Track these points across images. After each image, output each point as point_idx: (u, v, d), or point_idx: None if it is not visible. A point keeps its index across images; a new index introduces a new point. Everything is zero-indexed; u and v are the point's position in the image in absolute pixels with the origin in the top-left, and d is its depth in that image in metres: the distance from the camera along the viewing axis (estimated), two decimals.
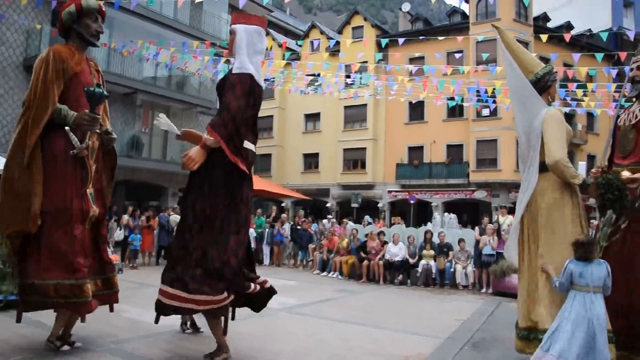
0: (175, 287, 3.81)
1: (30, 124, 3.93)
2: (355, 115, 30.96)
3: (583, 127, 29.15)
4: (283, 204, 29.11)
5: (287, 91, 20.44)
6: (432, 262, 11.41)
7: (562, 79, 17.62)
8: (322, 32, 31.74)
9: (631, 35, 12.97)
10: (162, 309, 3.90)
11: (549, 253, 4.07)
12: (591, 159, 29.36)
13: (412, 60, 23.25)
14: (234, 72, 4.09)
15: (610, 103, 14.04)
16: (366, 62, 19.25)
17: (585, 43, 26.99)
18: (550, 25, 29.63)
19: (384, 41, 17.91)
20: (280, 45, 22.62)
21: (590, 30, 29.13)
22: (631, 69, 4.48)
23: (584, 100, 13.44)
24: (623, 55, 11.25)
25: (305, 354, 4.31)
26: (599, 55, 12.04)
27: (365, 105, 29.78)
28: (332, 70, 15.06)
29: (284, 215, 15.36)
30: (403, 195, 29.02)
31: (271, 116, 33.23)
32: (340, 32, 32.23)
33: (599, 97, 13.88)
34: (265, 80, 18.14)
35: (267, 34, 31.82)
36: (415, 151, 29.62)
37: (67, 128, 4.00)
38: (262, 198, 23.40)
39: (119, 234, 12.47)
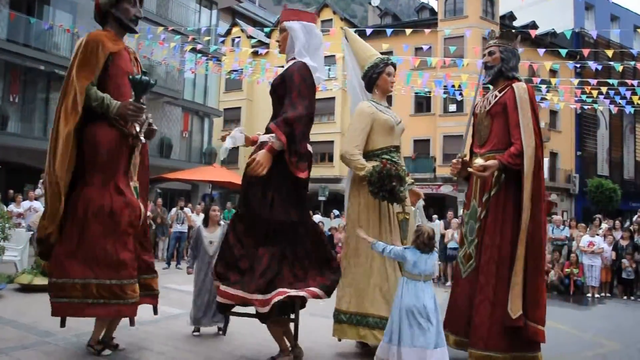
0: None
1: (63, 112, 3.71)
2: (323, 108, 30.85)
3: (546, 124, 29.84)
4: None
5: (255, 82, 20.26)
6: None
7: (528, 76, 17.99)
8: None
9: (594, 34, 13.34)
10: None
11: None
12: (554, 156, 30.14)
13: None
14: (297, 71, 3.82)
15: (572, 98, 14.44)
16: (334, 55, 19.22)
17: (549, 43, 27.62)
18: (516, 24, 30.18)
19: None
20: (248, 37, 22.53)
21: (554, 30, 29.85)
22: (484, 55, 4.52)
23: (546, 98, 13.78)
24: (586, 51, 11.61)
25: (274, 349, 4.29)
26: (563, 51, 12.36)
27: (333, 98, 29.77)
28: None
29: None
30: None
31: (239, 108, 32.92)
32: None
33: (562, 93, 14.23)
34: (234, 71, 18.01)
35: (236, 24, 31.52)
36: None
37: (144, 116, 3.84)
38: (230, 190, 23.18)
39: None
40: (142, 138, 3.89)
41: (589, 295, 10.09)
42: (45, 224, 3.71)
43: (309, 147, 3.87)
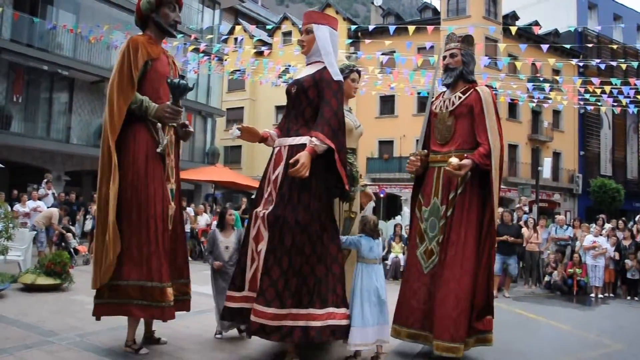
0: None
1: (109, 117, 3.82)
2: None
3: (549, 124, 29.81)
4: (253, 196, 28.94)
5: (258, 82, 20.26)
6: (401, 255, 11.51)
7: (531, 75, 17.95)
8: (293, 24, 31.56)
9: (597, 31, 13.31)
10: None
11: None
12: (557, 155, 30.08)
13: (384, 55, 23.35)
14: (335, 78, 3.92)
15: (575, 97, 14.39)
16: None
17: (552, 42, 27.59)
18: (519, 23, 30.14)
19: (353, 28, 18.05)
20: (251, 37, 22.53)
21: (557, 30, 29.77)
22: (444, 57, 4.69)
23: (550, 97, 13.74)
24: (589, 47, 11.54)
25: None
26: (567, 47, 12.34)
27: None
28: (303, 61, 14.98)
29: None
30: (373, 189, 29.11)
31: (242, 107, 32.92)
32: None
33: (565, 92, 14.19)
34: (237, 71, 18.01)
35: (239, 24, 31.52)
36: (386, 145, 29.77)
37: (158, 125, 3.90)
38: (232, 190, 23.20)
39: (88, 224, 12.18)
40: (163, 147, 3.94)
41: (593, 295, 10.06)
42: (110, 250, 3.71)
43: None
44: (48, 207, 11.30)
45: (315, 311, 3.66)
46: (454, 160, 4.26)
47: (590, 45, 11.81)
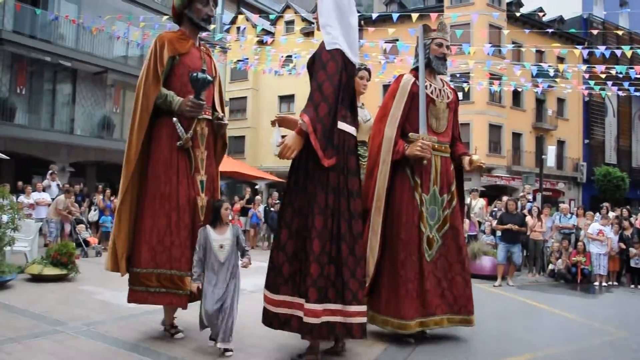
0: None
1: (135, 113, 3.99)
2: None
3: (553, 112, 29.66)
4: (257, 186, 28.98)
5: (261, 72, 20.20)
6: None
7: (535, 61, 17.81)
8: (296, 12, 31.39)
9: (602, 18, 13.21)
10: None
11: None
12: (561, 144, 29.96)
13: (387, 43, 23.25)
14: (326, 48, 3.66)
15: (580, 84, 14.26)
16: None
17: (557, 29, 27.37)
18: (523, 10, 29.90)
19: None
20: (254, 26, 22.44)
21: (561, 16, 29.51)
22: (439, 45, 4.67)
23: (556, 82, 13.63)
24: (594, 33, 11.45)
25: (279, 334, 4.32)
26: (572, 33, 12.25)
27: (245, 97, 29.58)
28: (307, 48, 14.91)
29: (258, 198, 15.29)
30: None
31: (245, 97, 32.86)
32: (314, 12, 31.85)
33: (570, 78, 14.09)
34: (240, 61, 17.95)
35: (241, 13, 31.40)
36: None
37: (174, 119, 3.94)
38: (236, 180, 23.22)
39: (93, 215, 12.24)
40: (184, 140, 3.98)
41: (597, 283, 10.06)
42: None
43: (347, 128, 3.77)
44: (52, 198, 11.36)
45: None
46: (477, 157, 4.69)
47: (595, 31, 11.66)
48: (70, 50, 17.57)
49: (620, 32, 11.87)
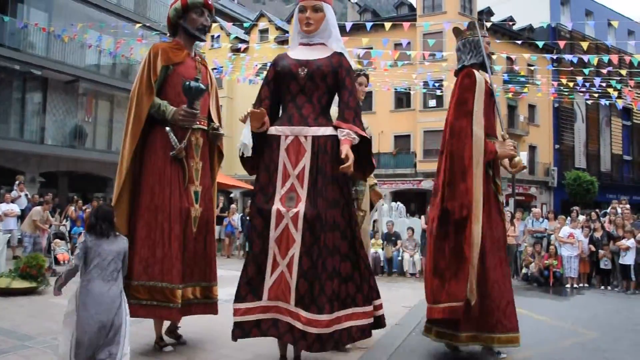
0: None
1: (128, 123, 3.97)
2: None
3: (525, 118, 30.24)
4: (232, 195, 28.79)
5: (235, 81, 20.15)
6: (380, 251, 11.59)
7: (506, 71, 18.19)
8: (270, 21, 31.44)
9: (569, 26, 13.65)
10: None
11: None
12: (533, 149, 30.53)
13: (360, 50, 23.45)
14: (345, 57, 3.72)
15: (549, 89, 14.62)
16: None
17: (526, 37, 27.96)
18: (493, 19, 30.49)
19: None
20: (228, 34, 22.42)
21: (531, 25, 30.17)
22: (488, 43, 4.50)
23: (528, 86, 13.94)
24: (562, 43, 11.81)
25: (250, 344, 4.30)
26: (540, 43, 12.58)
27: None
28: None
29: (233, 206, 15.21)
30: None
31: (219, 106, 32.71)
32: (289, 21, 31.94)
33: (540, 84, 14.44)
34: (213, 69, 17.89)
35: (215, 21, 31.37)
36: None
37: (167, 128, 3.89)
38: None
39: (62, 228, 11.96)
40: (177, 150, 3.94)
41: (568, 286, 10.26)
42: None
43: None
44: (21, 210, 11.10)
45: (358, 309, 3.53)
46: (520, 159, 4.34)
47: (562, 42, 12.06)
48: (41, 59, 17.29)
49: (587, 43, 12.26)
